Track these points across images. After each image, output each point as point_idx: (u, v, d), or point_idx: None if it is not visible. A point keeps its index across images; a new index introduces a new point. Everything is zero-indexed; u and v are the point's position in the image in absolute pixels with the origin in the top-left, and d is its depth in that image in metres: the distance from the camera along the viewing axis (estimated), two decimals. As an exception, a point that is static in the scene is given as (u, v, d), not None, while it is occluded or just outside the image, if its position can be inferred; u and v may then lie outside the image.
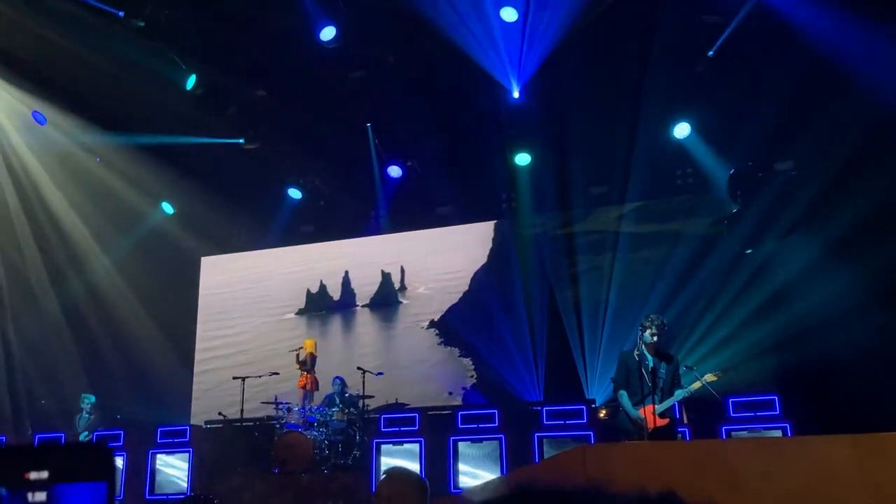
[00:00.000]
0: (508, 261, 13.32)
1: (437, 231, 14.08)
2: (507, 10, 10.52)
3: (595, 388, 11.93)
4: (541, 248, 13.03)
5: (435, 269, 13.99)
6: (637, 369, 7.74)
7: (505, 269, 13.33)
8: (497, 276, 13.41)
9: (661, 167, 12.20)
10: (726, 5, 10.35)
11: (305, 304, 14.56)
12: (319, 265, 14.67)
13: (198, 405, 13.77)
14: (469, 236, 13.80)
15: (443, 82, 11.96)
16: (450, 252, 13.91)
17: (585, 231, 12.93)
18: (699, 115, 11.70)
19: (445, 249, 13.98)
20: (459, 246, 13.84)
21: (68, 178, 13.37)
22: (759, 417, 8.94)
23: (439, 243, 14.06)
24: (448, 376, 13.21)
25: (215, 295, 15.11)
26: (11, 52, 11.60)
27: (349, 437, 10.90)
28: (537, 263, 12.93)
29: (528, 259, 13.04)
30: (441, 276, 13.91)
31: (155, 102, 12.15)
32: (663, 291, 11.58)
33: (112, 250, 13.85)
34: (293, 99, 12.42)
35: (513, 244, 13.36)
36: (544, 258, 12.88)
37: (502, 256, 13.48)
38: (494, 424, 9.74)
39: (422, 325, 13.78)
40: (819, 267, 10.72)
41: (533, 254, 13.03)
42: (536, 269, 12.91)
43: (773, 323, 11.14)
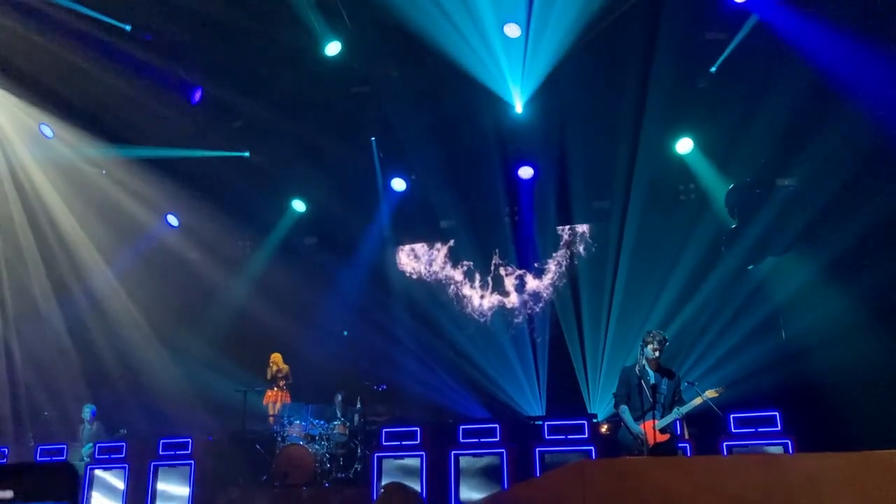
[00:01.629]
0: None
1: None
2: (510, 26, 10.61)
3: (597, 403, 11.93)
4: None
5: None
6: (638, 384, 7.75)
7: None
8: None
9: (662, 182, 12.24)
10: (729, 23, 10.43)
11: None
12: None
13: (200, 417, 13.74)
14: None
15: (446, 97, 12.05)
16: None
17: (587, 245, 12.95)
18: (701, 130, 11.75)
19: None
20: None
21: (73, 191, 13.44)
22: (761, 433, 8.90)
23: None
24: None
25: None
26: (19, 66, 11.71)
27: (350, 450, 10.90)
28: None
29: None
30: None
31: (161, 116, 12.23)
32: (665, 307, 11.60)
33: (116, 262, 13.89)
34: (298, 113, 12.49)
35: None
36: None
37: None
38: (496, 438, 9.71)
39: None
40: (819, 284, 10.76)
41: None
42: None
43: (774, 339, 11.17)
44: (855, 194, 10.39)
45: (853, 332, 10.08)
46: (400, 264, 14.27)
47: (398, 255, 14.37)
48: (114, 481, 10.48)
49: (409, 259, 14.33)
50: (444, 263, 14.00)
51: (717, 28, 10.64)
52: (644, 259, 12.13)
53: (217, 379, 13.30)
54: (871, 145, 9.98)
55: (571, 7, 10.08)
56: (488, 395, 12.93)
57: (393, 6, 10.21)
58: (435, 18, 10.33)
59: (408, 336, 13.64)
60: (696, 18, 10.48)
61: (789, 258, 11.51)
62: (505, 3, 10.34)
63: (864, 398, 9.41)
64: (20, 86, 12.12)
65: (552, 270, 13.16)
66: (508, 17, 10.50)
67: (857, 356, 9.94)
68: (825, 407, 9.71)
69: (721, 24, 10.55)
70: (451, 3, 10.29)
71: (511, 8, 10.37)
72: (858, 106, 9.88)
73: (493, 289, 13.60)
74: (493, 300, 13.55)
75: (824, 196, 10.78)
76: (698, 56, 10.86)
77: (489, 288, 13.59)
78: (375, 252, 14.38)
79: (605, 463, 7.57)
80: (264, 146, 13.22)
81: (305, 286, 13.82)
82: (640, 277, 12.10)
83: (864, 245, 10.17)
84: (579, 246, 12.99)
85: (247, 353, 13.31)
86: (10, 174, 13.21)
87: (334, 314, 13.85)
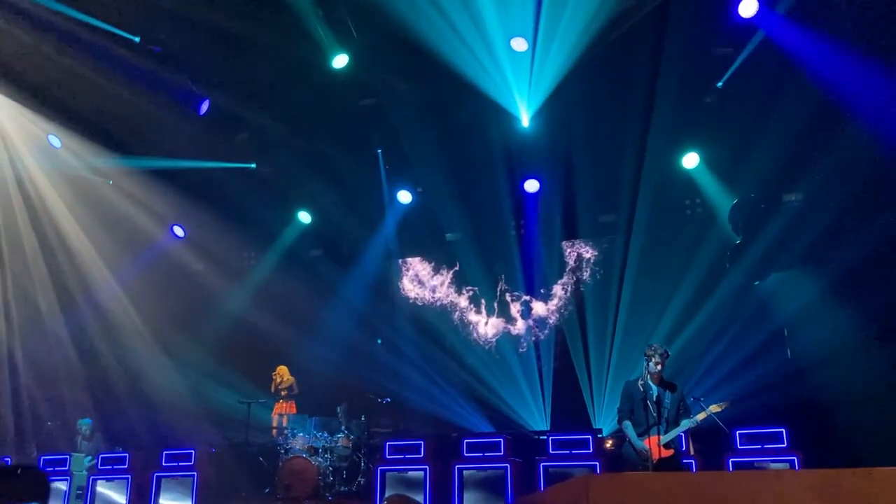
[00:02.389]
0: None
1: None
2: (517, 40, 10.64)
3: (602, 418, 11.87)
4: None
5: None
6: (642, 399, 7.72)
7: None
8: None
9: (669, 197, 12.23)
10: (735, 38, 10.44)
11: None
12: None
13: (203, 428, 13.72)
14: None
15: (452, 110, 12.08)
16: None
17: (593, 271, 12.94)
18: (707, 145, 11.75)
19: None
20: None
21: (80, 201, 13.49)
22: (767, 450, 8.85)
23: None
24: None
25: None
26: (27, 76, 11.79)
27: (354, 463, 10.86)
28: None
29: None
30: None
31: (168, 127, 12.28)
32: (670, 321, 11.56)
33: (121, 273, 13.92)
34: (304, 125, 12.53)
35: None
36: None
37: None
38: (500, 453, 9.65)
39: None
40: (824, 301, 10.72)
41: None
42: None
43: (779, 355, 11.13)
44: (861, 210, 10.37)
45: (859, 349, 10.03)
46: (403, 290, 14.21)
47: (402, 281, 14.30)
48: (114, 495, 10.47)
49: (413, 284, 14.27)
50: (448, 289, 13.93)
51: (723, 43, 10.65)
52: (649, 274, 12.10)
53: (221, 390, 13.29)
54: (877, 162, 9.95)
55: (578, 21, 10.11)
56: (492, 409, 12.88)
57: (400, 19, 10.26)
58: (442, 31, 10.37)
59: (412, 348, 13.62)
60: (703, 34, 10.49)
61: (795, 274, 11.48)
62: (512, 17, 10.38)
63: (872, 416, 9.34)
64: (28, 96, 12.20)
65: (558, 296, 13.08)
66: (516, 31, 10.53)
67: (863, 373, 9.88)
68: (832, 424, 9.64)
69: (727, 39, 10.57)
70: (458, 17, 10.33)
71: (518, 22, 10.41)
72: (864, 123, 9.88)
73: (499, 314, 13.50)
74: (499, 326, 13.46)
75: (830, 212, 10.75)
76: (705, 71, 10.87)
77: (495, 313, 13.50)
78: (380, 264, 14.39)
79: (609, 477, 7.51)
80: (270, 158, 13.26)
81: (310, 298, 13.82)
82: (645, 292, 12.07)
83: (871, 261, 10.12)
84: (585, 271, 12.93)
85: (251, 365, 13.30)
86: (18, 184, 13.28)
87: (338, 326, 13.83)
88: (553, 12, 10.17)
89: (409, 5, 10.14)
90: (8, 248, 13.53)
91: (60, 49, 11.22)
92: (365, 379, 12.64)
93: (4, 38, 10.94)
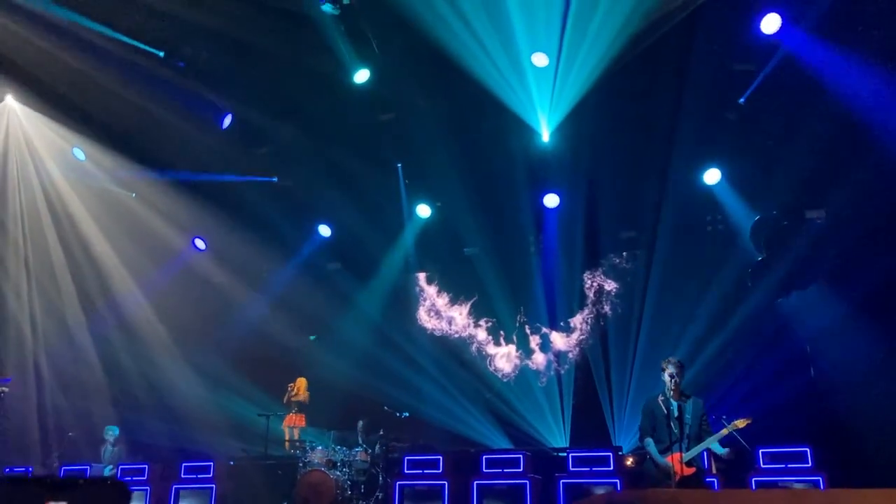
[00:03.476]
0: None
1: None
2: (538, 55, 10.67)
3: (622, 435, 11.77)
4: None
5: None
6: (664, 416, 7.62)
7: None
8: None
9: (690, 213, 12.15)
10: (758, 54, 10.41)
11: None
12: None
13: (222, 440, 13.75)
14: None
15: (473, 124, 12.09)
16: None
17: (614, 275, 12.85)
18: (730, 161, 11.68)
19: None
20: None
21: (104, 214, 13.64)
22: (791, 469, 8.74)
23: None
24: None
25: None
26: (54, 89, 11.96)
27: (372, 477, 10.83)
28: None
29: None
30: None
31: (190, 140, 12.40)
32: (692, 338, 11.46)
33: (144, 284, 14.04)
34: (325, 139, 12.60)
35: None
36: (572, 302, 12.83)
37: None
38: (519, 469, 9.61)
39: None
40: (848, 319, 10.59)
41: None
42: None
43: (803, 374, 10.99)
44: (886, 229, 10.26)
45: (885, 369, 9.90)
46: (420, 320, 14.20)
47: (419, 311, 14.29)
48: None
49: (430, 317, 14.23)
50: (466, 321, 13.87)
51: (746, 59, 10.61)
52: (671, 290, 12.00)
53: (240, 402, 13.33)
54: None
55: (602, 37, 10.14)
56: (511, 425, 12.81)
57: (421, 33, 10.32)
58: (464, 46, 10.42)
59: (430, 362, 13.60)
60: (726, 50, 10.47)
61: (817, 292, 11.36)
62: (536, 31, 10.41)
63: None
64: (55, 109, 12.38)
65: (579, 329, 12.95)
66: (540, 46, 10.55)
67: (889, 393, 9.74)
68: (858, 444, 9.49)
69: (750, 55, 10.54)
70: (480, 31, 10.38)
71: (542, 36, 10.44)
72: (890, 140, 9.80)
73: (518, 346, 13.41)
74: (518, 359, 13.34)
75: (855, 230, 10.65)
76: (727, 87, 10.83)
77: (514, 344, 13.42)
78: (399, 278, 14.40)
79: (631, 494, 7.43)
80: (291, 172, 13.34)
81: (329, 311, 13.84)
82: (666, 308, 11.97)
83: (892, 281, 10.01)
84: (606, 304, 12.80)
85: (270, 378, 13.34)
86: (44, 196, 13.45)
87: (357, 339, 13.84)
88: (578, 28, 10.19)
89: (431, 19, 10.20)
90: (34, 258, 13.69)
91: (87, 63, 11.40)
92: (383, 393, 12.62)
93: (31, 51, 11.13)
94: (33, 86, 11.98)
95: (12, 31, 10.84)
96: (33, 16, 10.70)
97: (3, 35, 10.88)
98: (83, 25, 10.87)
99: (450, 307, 13.93)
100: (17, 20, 10.74)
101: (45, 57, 11.23)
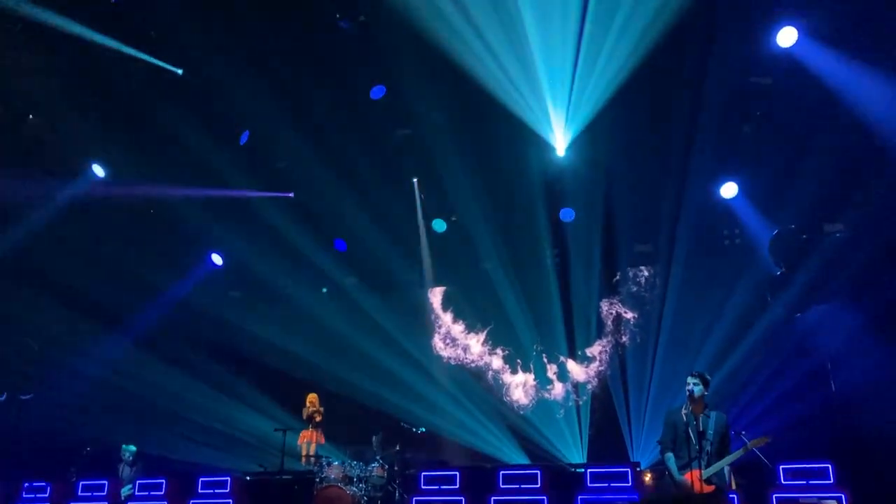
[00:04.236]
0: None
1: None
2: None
3: (640, 451, 11.68)
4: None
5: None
6: (684, 430, 7.47)
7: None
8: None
9: (707, 227, 12.10)
10: (774, 67, 10.39)
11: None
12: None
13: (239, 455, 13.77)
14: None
15: (488, 139, 12.12)
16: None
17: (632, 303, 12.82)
18: (747, 174, 11.64)
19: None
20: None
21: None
22: (813, 486, 8.63)
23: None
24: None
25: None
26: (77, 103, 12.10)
27: (388, 493, 10.78)
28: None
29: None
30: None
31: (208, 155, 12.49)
32: (711, 352, 11.38)
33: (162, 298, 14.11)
34: (342, 154, 12.66)
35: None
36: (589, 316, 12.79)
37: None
38: (537, 485, 9.56)
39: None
40: (868, 334, 10.49)
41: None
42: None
43: (823, 389, 10.89)
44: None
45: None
46: (435, 348, 14.20)
47: (434, 340, 14.28)
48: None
49: (446, 345, 14.23)
50: (482, 349, 13.86)
51: (762, 72, 10.60)
52: (689, 304, 11.94)
53: (256, 417, 13.34)
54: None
55: (618, 52, 10.15)
56: (528, 441, 12.75)
57: (437, 49, 10.37)
58: (480, 61, 10.46)
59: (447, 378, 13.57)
60: (742, 63, 10.46)
61: (837, 307, 11.26)
62: (552, 46, 10.43)
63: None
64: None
65: (598, 359, 12.90)
66: (555, 61, 10.58)
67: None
68: (881, 461, 9.36)
69: (766, 68, 10.52)
70: (496, 46, 10.42)
71: (558, 51, 10.46)
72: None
73: (535, 375, 13.37)
74: (535, 388, 13.30)
75: (874, 242, 10.56)
76: (744, 100, 10.82)
77: (531, 372, 13.37)
78: (415, 292, 14.40)
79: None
80: (308, 187, 13.40)
81: (345, 325, 13.85)
82: (685, 322, 11.90)
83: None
84: (624, 334, 12.75)
85: (286, 392, 13.35)
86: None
87: (372, 354, 13.83)
88: (594, 42, 10.22)
89: (447, 35, 10.26)
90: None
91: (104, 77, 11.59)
92: (399, 408, 12.60)
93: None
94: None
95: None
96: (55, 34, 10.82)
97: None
98: (102, 43, 11.00)
99: (466, 335, 13.94)
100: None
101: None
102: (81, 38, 10.88)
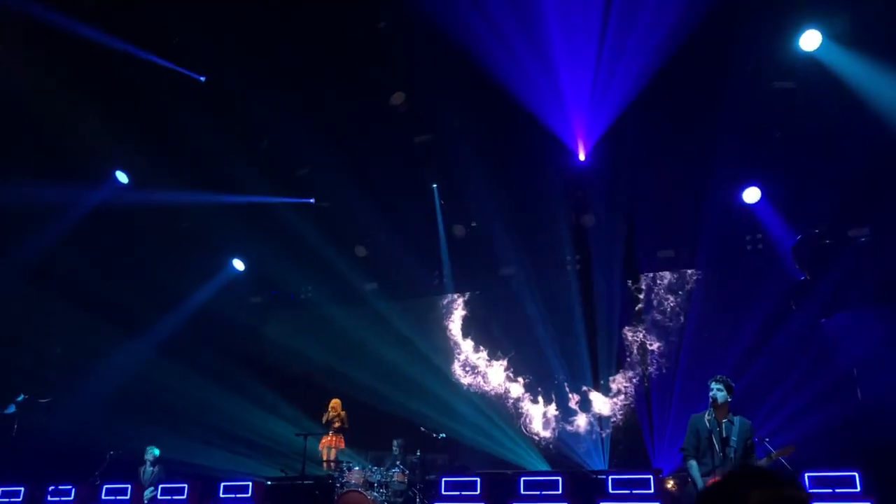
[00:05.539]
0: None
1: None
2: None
3: (662, 457, 11.58)
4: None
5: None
6: (708, 437, 7.36)
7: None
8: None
9: (729, 232, 12.00)
10: (798, 71, 10.31)
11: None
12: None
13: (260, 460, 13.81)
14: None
15: (508, 144, 12.10)
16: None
17: (652, 294, 12.73)
18: (770, 179, 11.54)
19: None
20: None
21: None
22: (839, 495, 8.49)
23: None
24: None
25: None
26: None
27: (409, 499, 10.76)
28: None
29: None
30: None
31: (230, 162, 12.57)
32: (735, 359, 11.26)
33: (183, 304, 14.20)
34: (362, 160, 12.70)
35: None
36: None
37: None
38: (558, 492, 9.49)
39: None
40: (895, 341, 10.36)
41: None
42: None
43: (849, 397, 10.74)
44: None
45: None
46: (455, 374, 14.16)
47: (453, 366, 14.25)
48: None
49: (465, 373, 14.20)
50: (503, 378, 13.81)
51: (785, 76, 10.51)
52: (712, 310, 11.84)
53: (278, 422, 13.38)
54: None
55: (640, 56, 10.11)
56: (549, 448, 12.68)
57: (457, 55, 10.37)
58: (500, 66, 10.45)
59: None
60: (764, 67, 10.38)
61: (863, 313, 11.11)
62: (573, 51, 10.40)
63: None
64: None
65: (623, 392, 12.78)
66: (576, 65, 10.55)
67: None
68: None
69: (789, 72, 10.43)
70: (517, 50, 10.41)
71: (579, 56, 10.43)
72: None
73: (557, 406, 13.30)
74: (557, 420, 13.23)
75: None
76: (766, 104, 10.73)
77: (553, 403, 13.31)
78: (435, 298, 14.39)
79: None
80: (329, 193, 13.45)
81: (365, 331, 13.87)
82: (708, 328, 11.80)
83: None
84: (651, 365, 12.63)
85: (307, 397, 13.38)
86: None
87: (392, 359, 13.84)
88: (615, 46, 10.19)
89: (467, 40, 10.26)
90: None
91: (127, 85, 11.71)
92: (420, 414, 12.59)
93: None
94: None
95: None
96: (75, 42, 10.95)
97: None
98: (122, 50, 11.12)
99: (489, 364, 13.91)
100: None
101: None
102: (105, 45, 11.02)
